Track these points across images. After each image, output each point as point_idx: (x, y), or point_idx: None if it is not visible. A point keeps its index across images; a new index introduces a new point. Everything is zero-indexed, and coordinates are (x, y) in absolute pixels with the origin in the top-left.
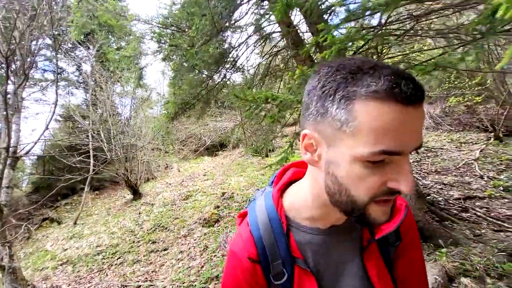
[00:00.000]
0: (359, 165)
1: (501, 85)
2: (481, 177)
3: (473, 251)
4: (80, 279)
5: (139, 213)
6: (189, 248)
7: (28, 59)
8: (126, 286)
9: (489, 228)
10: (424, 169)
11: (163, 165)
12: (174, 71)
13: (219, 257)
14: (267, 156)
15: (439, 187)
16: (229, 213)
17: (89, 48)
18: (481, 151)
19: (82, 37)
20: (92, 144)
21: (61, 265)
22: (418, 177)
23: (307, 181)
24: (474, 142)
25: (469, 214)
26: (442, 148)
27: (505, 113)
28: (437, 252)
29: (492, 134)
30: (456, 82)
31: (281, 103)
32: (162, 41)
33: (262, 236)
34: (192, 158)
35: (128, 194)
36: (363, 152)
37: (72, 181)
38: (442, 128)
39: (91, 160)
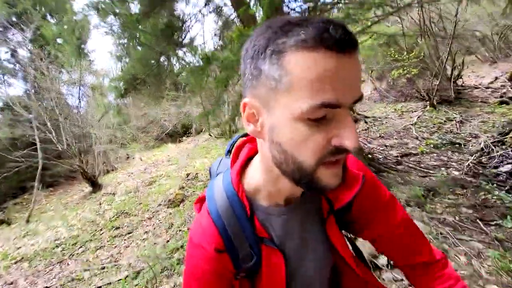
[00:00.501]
0: (300, 124)
1: (435, 58)
2: (417, 138)
3: (400, 189)
4: (39, 271)
5: (100, 204)
6: (154, 228)
7: None
8: (89, 270)
9: (418, 175)
10: (371, 136)
11: (124, 155)
12: (118, 45)
13: (184, 230)
14: (231, 137)
15: (381, 148)
16: (194, 191)
17: (23, 30)
18: (418, 117)
19: (13, 18)
20: (38, 136)
21: (15, 263)
22: (365, 142)
23: (259, 156)
24: (413, 110)
25: (402, 166)
26: (387, 117)
27: (437, 84)
28: None
29: (428, 102)
30: (396, 56)
31: (223, 63)
32: (100, 9)
33: (226, 224)
34: (155, 146)
35: (86, 187)
36: (302, 108)
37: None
38: (388, 100)
39: (39, 153)
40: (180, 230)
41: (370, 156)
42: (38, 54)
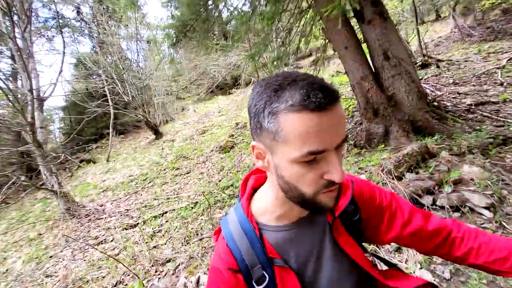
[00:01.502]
0: (296, 165)
1: None
2: (501, 84)
3: (464, 137)
4: (120, 198)
5: (162, 149)
6: (208, 170)
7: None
8: (157, 199)
9: (493, 125)
10: (441, 82)
11: (179, 107)
12: None
13: (233, 172)
14: None
15: (452, 96)
16: (243, 139)
17: None
18: (509, 59)
19: None
20: (107, 88)
21: (102, 191)
22: (433, 89)
23: (268, 185)
24: (504, 51)
25: (475, 115)
26: (466, 61)
27: None
28: (424, 139)
29: None
30: None
31: None
32: None
33: (238, 245)
34: (207, 98)
35: (150, 135)
36: (295, 155)
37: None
38: (472, 40)
39: (110, 103)
40: (230, 172)
41: (435, 104)
42: (98, 9)
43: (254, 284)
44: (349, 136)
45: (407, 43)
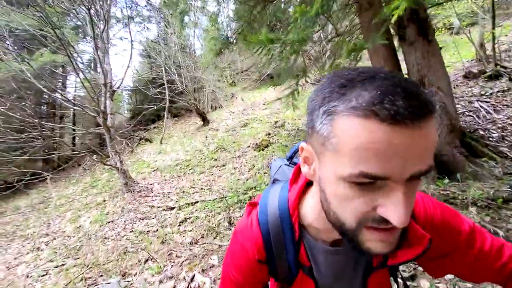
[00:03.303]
0: (344, 185)
1: None
2: None
3: (477, 185)
4: (165, 181)
5: (206, 137)
6: (241, 166)
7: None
8: (193, 187)
9: None
10: (507, 100)
11: (229, 94)
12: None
13: (261, 174)
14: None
15: (510, 122)
16: (278, 139)
17: None
18: None
19: None
20: (165, 78)
21: (153, 171)
22: (489, 109)
23: (316, 191)
24: None
25: None
26: None
27: None
28: (439, 182)
29: None
30: None
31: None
32: None
33: (272, 242)
34: (256, 87)
35: (199, 121)
36: (344, 172)
37: (155, 108)
38: None
39: (167, 91)
40: (258, 173)
41: (476, 134)
42: None
43: (275, 275)
44: None
45: (479, 48)
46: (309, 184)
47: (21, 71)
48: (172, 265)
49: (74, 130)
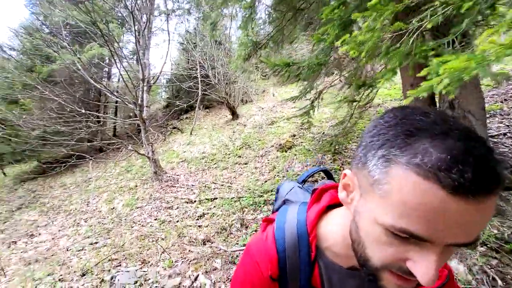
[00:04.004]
0: (380, 229)
1: None
2: None
3: (495, 222)
4: (191, 173)
5: (233, 132)
6: (262, 166)
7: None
8: (215, 183)
9: None
10: None
11: (261, 88)
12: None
13: (279, 177)
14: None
15: None
16: (301, 143)
17: None
18: None
19: None
20: (200, 72)
21: (181, 161)
22: None
23: (341, 215)
24: None
25: None
26: None
27: None
28: None
29: None
30: None
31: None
32: None
33: (287, 261)
34: (289, 82)
35: (228, 114)
36: (384, 220)
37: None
38: None
39: (200, 86)
40: (277, 175)
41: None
42: None
43: None
44: None
45: None
46: (330, 207)
47: (73, 63)
48: (182, 262)
49: (113, 119)
